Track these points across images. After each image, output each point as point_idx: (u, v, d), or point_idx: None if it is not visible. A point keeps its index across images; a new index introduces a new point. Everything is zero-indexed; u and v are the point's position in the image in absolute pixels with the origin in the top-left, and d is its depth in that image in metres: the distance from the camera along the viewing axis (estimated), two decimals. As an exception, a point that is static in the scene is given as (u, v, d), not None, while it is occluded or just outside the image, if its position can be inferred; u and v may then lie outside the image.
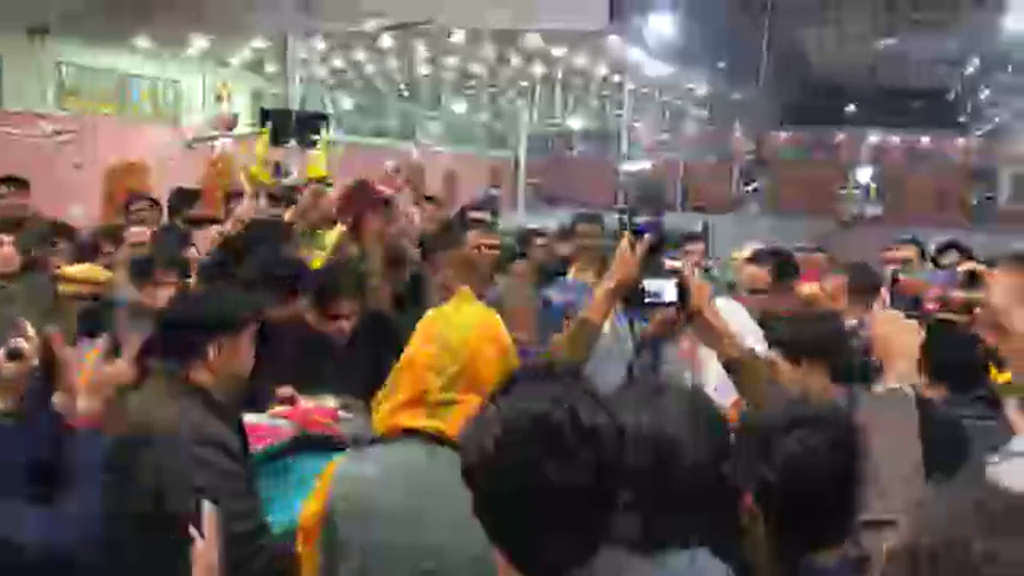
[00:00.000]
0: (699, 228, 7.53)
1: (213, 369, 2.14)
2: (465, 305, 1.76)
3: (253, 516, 2.01)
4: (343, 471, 1.71)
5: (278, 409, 2.80)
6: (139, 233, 4.31)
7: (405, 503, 1.62)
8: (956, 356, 2.26)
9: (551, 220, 6.35)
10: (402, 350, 1.76)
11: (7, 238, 3.98)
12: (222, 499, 1.96)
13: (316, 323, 3.19)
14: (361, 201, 3.70)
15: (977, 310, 1.60)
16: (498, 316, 1.80)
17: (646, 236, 1.86)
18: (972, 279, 1.61)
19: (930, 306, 1.66)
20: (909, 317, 1.61)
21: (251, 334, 2.24)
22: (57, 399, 1.96)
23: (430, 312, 1.78)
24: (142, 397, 2.13)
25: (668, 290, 1.86)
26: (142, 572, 1.99)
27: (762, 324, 2.70)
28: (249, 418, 2.54)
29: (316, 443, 2.52)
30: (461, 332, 1.68)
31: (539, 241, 5.07)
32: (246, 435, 2.21)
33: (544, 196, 26.72)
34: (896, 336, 1.58)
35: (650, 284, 1.87)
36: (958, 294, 1.63)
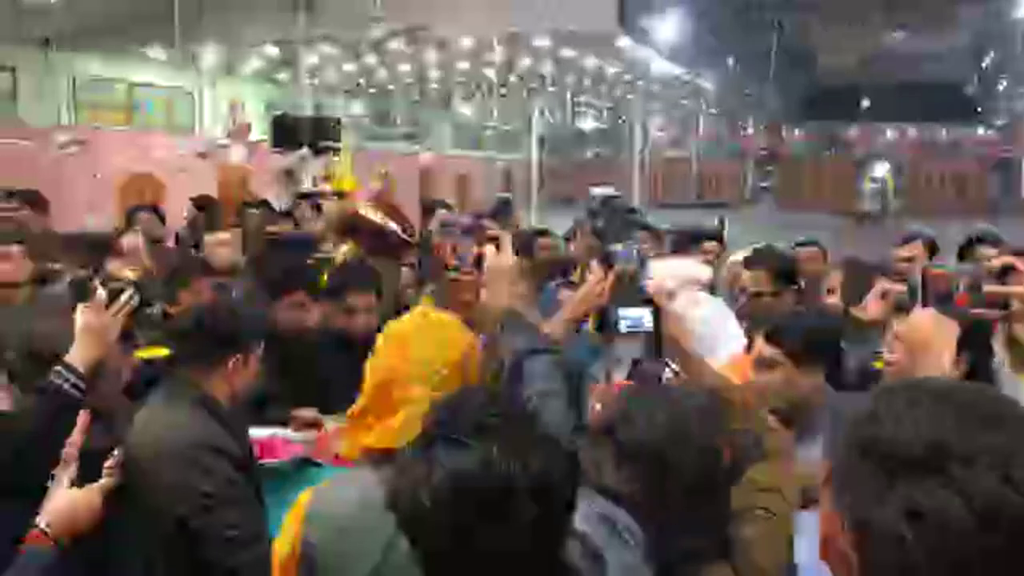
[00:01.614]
0: (715, 224, 7.46)
1: (230, 381, 2.15)
2: (432, 315, 1.69)
3: (248, 526, 1.99)
4: (315, 509, 1.59)
5: (304, 435, 2.74)
6: (132, 241, 4.29)
7: (391, 541, 1.49)
8: (977, 354, 2.16)
9: (567, 222, 6.28)
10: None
11: (15, 249, 3.95)
12: (221, 506, 1.96)
13: (333, 320, 3.14)
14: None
15: (1015, 304, 1.50)
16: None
17: (620, 265, 1.85)
18: (1005, 272, 1.52)
19: (961, 301, 1.58)
20: (942, 313, 1.54)
21: (260, 349, 2.25)
22: None
23: (392, 325, 1.70)
24: (153, 400, 2.14)
25: (645, 318, 1.85)
26: (137, 570, 2.00)
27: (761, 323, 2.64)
28: (260, 432, 2.53)
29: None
30: (438, 344, 1.62)
31: (543, 242, 5.02)
32: (251, 447, 2.20)
33: (560, 198, 26.66)
34: (930, 335, 1.50)
35: (626, 312, 1.85)
36: (990, 288, 1.54)
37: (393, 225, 2.14)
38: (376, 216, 2.16)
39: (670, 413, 1.51)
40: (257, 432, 2.46)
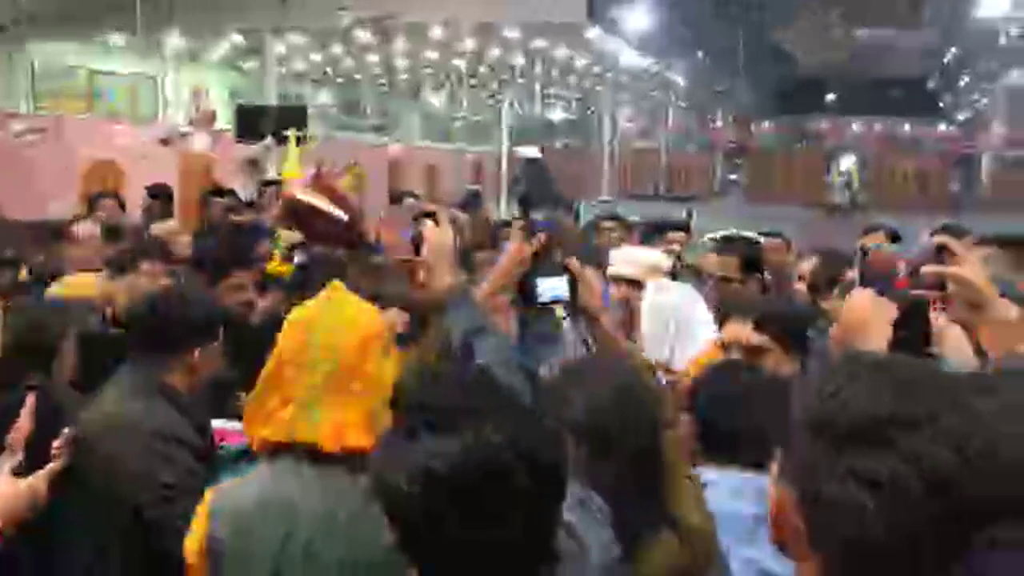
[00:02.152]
0: (683, 216, 7.51)
1: (192, 371, 2.13)
2: (339, 298, 1.66)
3: None
4: (219, 506, 1.59)
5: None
6: (87, 229, 4.22)
7: (290, 530, 1.54)
8: (910, 335, 2.20)
9: (537, 214, 6.30)
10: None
11: None
12: (182, 496, 1.93)
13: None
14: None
15: (950, 287, 1.51)
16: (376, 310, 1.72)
17: (542, 234, 1.87)
18: (940, 252, 1.53)
19: (900, 282, 1.58)
20: (881, 295, 1.54)
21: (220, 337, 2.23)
22: None
23: (296, 310, 1.67)
24: (113, 390, 2.11)
25: (562, 288, 1.86)
26: (93, 561, 1.97)
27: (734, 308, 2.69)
28: (219, 423, 2.51)
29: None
30: (340, 328, 1.59)
31: (506, 231, 5.04)
32: (212, 438, 2.18)
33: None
34: (867, 316, 1.51)
35: (544, 283, 1.86)
36: (927, 269, 1.54)
37: (337, 211, 2.04)
38: (317, 200, 2.06)
39: (611, 388, 1.55)
40: (219, 424, 2.44)
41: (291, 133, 4.34)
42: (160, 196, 5.93)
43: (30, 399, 1.74)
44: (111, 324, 2.94)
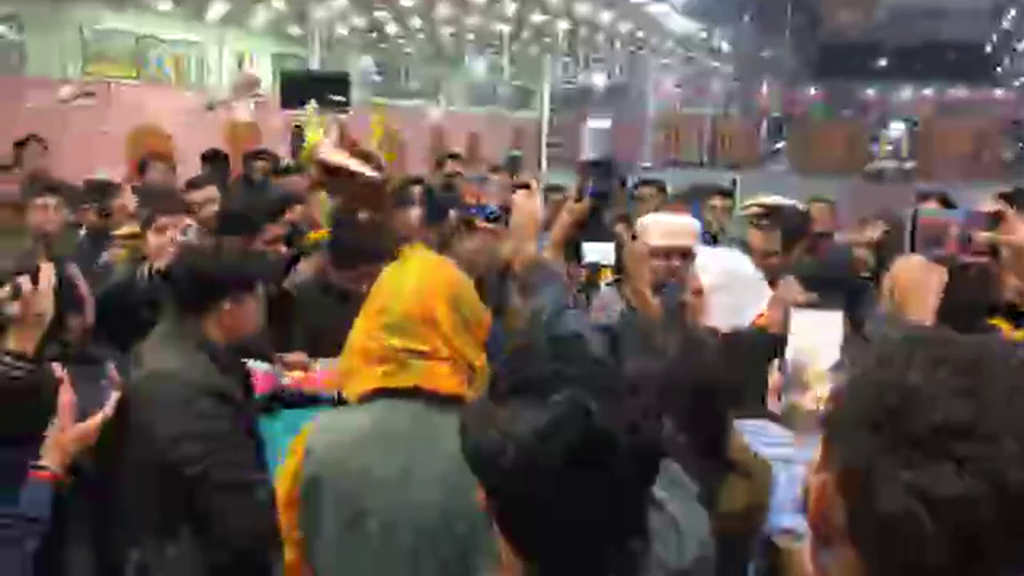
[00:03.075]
0: (728, 184, 7.44)
1: (225, 325, 2.14)
2: (413, 256, 1.71)
3: (245, 466, 2.00)
4: (317, 438, 1.61)
5: (292, 375, 2.80)
6: (128, 196, 4.32)
7: (388, 464, 1.54)
8: (960, 300, 2.16)
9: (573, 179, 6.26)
10: None
11: (51, 200, 3.99)
12: (223, 451, 1.97)
13: (339, 280, 3.16)
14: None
15: (1004, 252, 1.48)
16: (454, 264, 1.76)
17: (589, 199, 1.95)
18: (995, 219, 1.49)
19: (952, 247, 1.55)
20: (935, 260, 1.52)
21: (260, 293, 2.25)
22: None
23: (384, 271, 1.72)
24: (150, 344, 2.13)
25: (607, 253, 2.01)
26: (134, 516, 2.02)
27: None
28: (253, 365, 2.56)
29: (292, 400, 2.56)
30: (404, 276, 1.63)
31: (556, 196, 5.01)
32: (251, 387, 2.22)
33: (568, 155, 26.30)
34: (917, 279, 1.50)
35: (590, 244, 1.99)
36: (981, 234, 1.50)
37: (365, 169, 2.00)
38: (346, 160, 2.01)
39: (672, 341, 1.65)
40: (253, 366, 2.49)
41: (309, 106, 4.40)
42: (213, 160, 6.00)
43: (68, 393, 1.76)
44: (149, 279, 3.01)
